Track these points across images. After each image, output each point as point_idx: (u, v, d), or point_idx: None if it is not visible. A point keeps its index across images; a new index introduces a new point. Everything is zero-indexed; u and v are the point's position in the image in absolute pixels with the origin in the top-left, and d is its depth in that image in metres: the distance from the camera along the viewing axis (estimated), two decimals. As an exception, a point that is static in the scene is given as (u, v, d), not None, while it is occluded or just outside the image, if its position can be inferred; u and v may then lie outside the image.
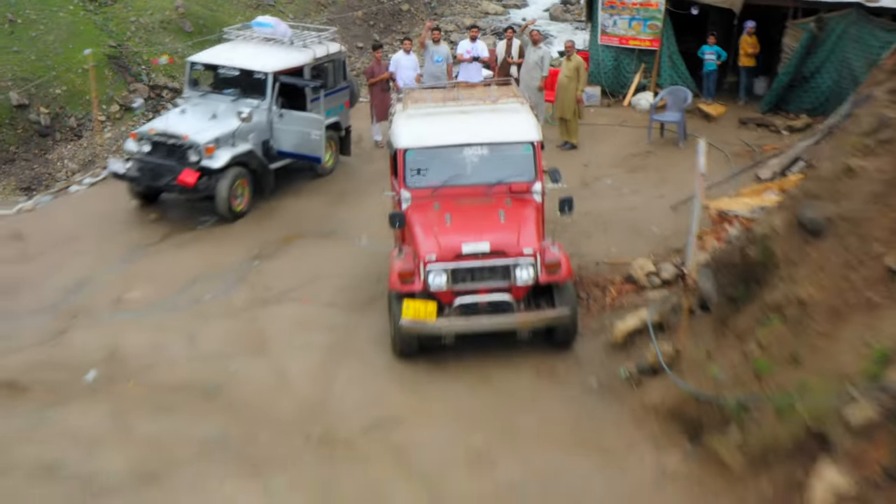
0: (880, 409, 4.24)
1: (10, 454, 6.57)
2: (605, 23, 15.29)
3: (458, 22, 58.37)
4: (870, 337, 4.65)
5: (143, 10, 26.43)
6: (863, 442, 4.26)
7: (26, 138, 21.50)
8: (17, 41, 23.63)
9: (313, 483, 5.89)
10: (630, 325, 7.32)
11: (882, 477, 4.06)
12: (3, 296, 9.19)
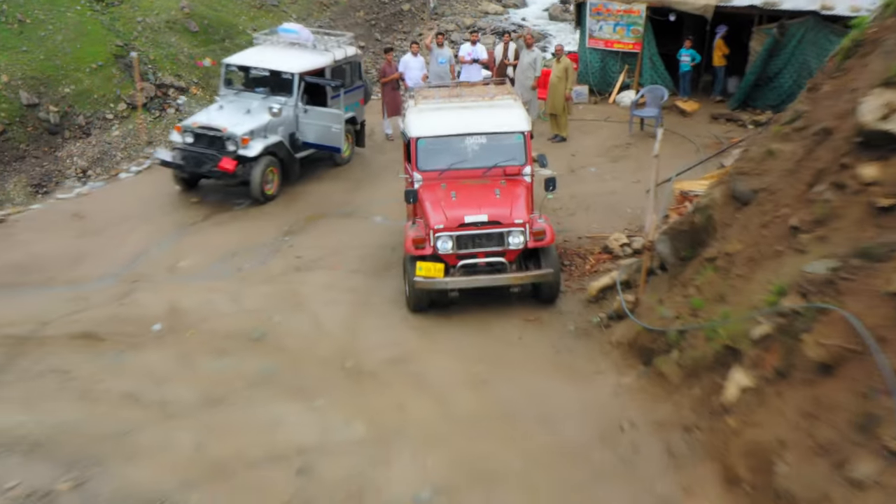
0: (774, 326, 5.63)
1: (99, 386, 7.94)
2: (593, 28, 16.60)
3: (458, 21, 56.97)
4: (774, 277, 6.02)
5: (150, 10, 26.05)
6: (761, 350, 5.64)
7: (36, 136, 21.11)
8: (26, 41, 23.27)
9: (348, 402, 7.27)
10: (602, 283, 8.70)
11: (773, 374, 5.44)
12: (74, 265, 10.56)
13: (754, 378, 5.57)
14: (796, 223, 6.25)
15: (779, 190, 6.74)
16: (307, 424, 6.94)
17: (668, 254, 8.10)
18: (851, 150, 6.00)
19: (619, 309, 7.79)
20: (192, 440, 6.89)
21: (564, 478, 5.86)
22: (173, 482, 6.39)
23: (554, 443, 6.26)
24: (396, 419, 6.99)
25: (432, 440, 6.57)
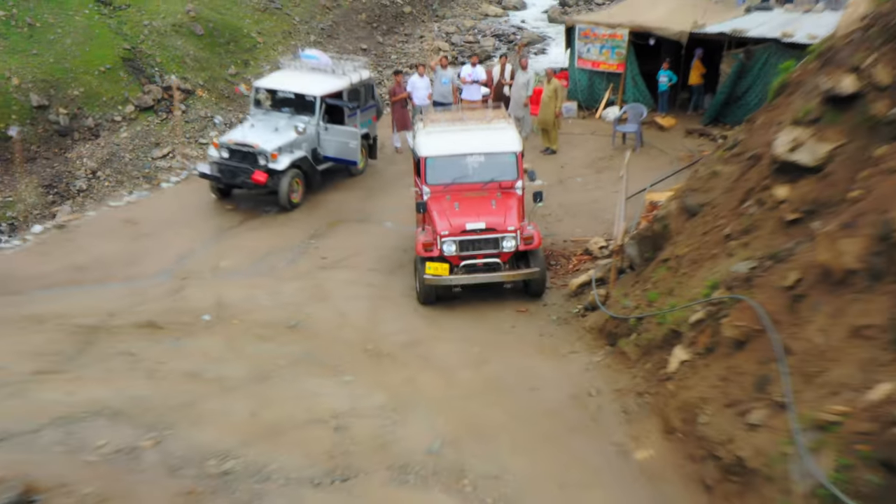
0: (706, 313, 7.11)
1: (164, 366, 9.42)
2: (581, 50, 18.03)
3: (458, 24, 56.39)
4: (709, 275, 7.50)
5: (156, 13, 25.57)
6: (696, 332, 7.12)
7: (46, 138, 21.00)
8: (35, 44, 23.01)
9: (370, 377, 8.74)
10: (581, 280, 10.19)
11: (703, 350, 6.92)
12: (130, 265, 12.05)
13: (690, 353, 7.07)
14: (729, 232, 7.74)
15: (718, 204, 8.22)
16: (339, 395, 8.41)
17: (635, 255, 9.59)
18: (770, 174, 7.48)
19: (593, 301, 9.28)
20: (247, 408, 8.36)
21: (544, 431, 7.34)
22: (234, 441, 7.85)
23: (536, 406, 7.76)
24: (410, 390, 8.46)
25: (439, 406, 8.05)
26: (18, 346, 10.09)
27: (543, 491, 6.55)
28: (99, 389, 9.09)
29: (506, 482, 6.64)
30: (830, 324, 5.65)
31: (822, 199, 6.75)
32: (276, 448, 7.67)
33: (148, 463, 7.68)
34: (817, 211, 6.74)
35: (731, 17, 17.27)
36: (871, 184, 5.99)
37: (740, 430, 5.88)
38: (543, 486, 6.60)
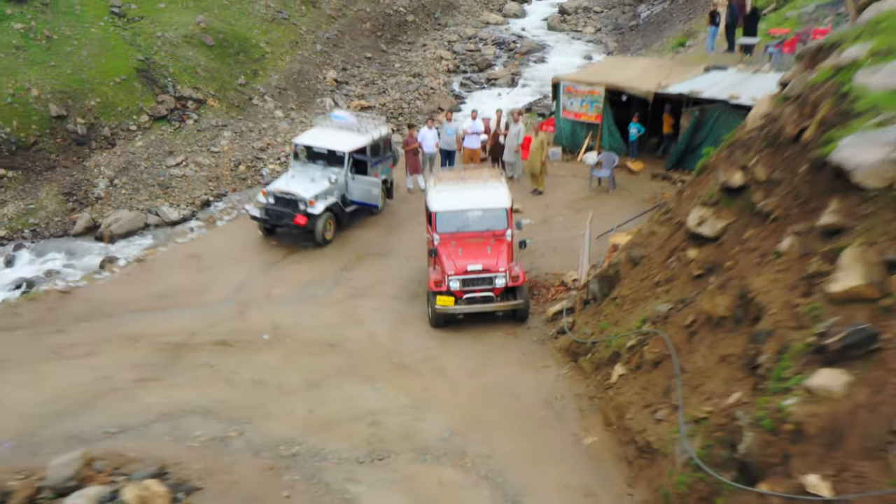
0: (636, 340, 9.69)
1: (237, 375, 11.98)
2: (565, 103, 20.57)
3: (460, 32, 56.86)
4: (642, 312, 10.09)
5: (168, 25, 25.28)
6: (630, 354, 9.70)
7: (65, 147, 21.01)
8: (54, 56, 22.85)
9: (396, 384, 11.30)
10: (556, 308, 12.76)
11: (633, 367, 9.49)
12: (199, 293, 14.65)
13: (625, 369, 9.65)
14: (657, 280, 10.32)
15: (653, 258, 10.81)
16: (373, 398, 10.98)
17: (596, 291, 12.17)
18: (686, 240, 10.07)
19: (563, 327, 11.86)
20: (304, 407, 10.92)
21: (523, 425, 9.92)
22: (297, 432, 10.40)
23: (518, 406, 10.34)
24: (426, 394, 11.03)
25: (448, 406, 10.63)
26: (120, 359, 12.67)
27: (521, 466, 9.13)
28: (189, 394, 11.65)
29: (495, 460, 9.22)
30: (708, 352, 8.24)
31: (718, 261, 9.33)
32: (329, 437, 10.23)
33: (236, 448, 10.22)
34: (714, 269, 9.33)
35: (692, 76, 19.80)
36: (739, 257, 8.58)
37: (650, 423, 8.47)
38: (521, 463, 9.17)
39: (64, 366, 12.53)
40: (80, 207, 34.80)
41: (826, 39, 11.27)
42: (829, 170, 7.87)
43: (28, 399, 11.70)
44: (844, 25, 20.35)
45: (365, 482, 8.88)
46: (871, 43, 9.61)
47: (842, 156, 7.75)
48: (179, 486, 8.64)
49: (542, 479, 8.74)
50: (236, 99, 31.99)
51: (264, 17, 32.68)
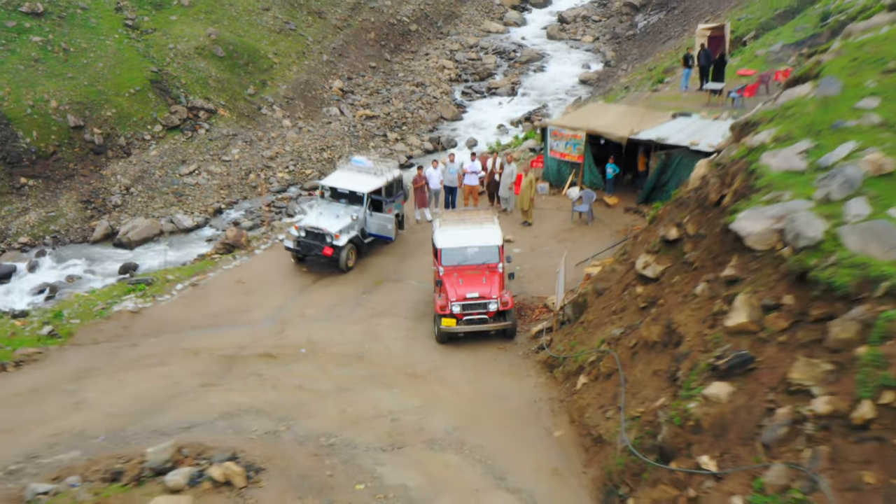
0: (596, 356, 12.20)
1: (281, 382, 14.48)
2: (552, 144, 23.08)
3: (462, 41, 57.37)
4: (601, 335, 12.61)
5: (180, 37, 25.59)
6: (591, 368, 12.22)
7: (83, 156, 22.17)
8: (71, 68, 24.08)
9: (410, 389, 13.81)
10: (538, 328, 15.29)
11: (593, 378, 12.02)
12: (246, 313, 17.19)
13: (587, 379, 12.18)
14: (614, 309, 12.85)
15: (612, 290, 13.34)
16: (391, 400, 13.48)
17: (570, 314, 14.69)
18: (635, 278, 12.59)
19: (542, 344, 14.39)
20: (337, 408, 13.42)
21: (508, 423, 12.43)
22: (333, 427, 12.89)
23: (505, 407, 12.85)
24: (434, 398, 13.54)
25: (451, 407, 13.13)
26: (185, 368, 15.22)
27: (506, 453, 11.63)
28: (243, 396, 14.17)
29: (487, 448, 11.73)
30: (645, 368, 10.77)
31: (656, 297, 11.85)
32: (358, 431, 12.72)
33: (285, 439, 12.72)
34: (654, 303, 11.85)
35: (661, 122, 22.30)
36: (669, 296, 11.11)
37: (602, 420, 10.99)
38: (506, 450, 11.68)
39: (140, 374, 15.09)
40: (98, 215, 35.57)
41: (751, 117, 13.79)
42: (732, 234, 10.40)
43: (113, 401, 14.25)
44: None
45: (388, 465, 11.39)
46: (777, 129, 12.16)
47: (740, 225, 10.28)
48: (249, 466, 11.16)
49: (521, 462, 11.26)
50: (246, 109, 31.62)
51: (272, 28, 32.84)
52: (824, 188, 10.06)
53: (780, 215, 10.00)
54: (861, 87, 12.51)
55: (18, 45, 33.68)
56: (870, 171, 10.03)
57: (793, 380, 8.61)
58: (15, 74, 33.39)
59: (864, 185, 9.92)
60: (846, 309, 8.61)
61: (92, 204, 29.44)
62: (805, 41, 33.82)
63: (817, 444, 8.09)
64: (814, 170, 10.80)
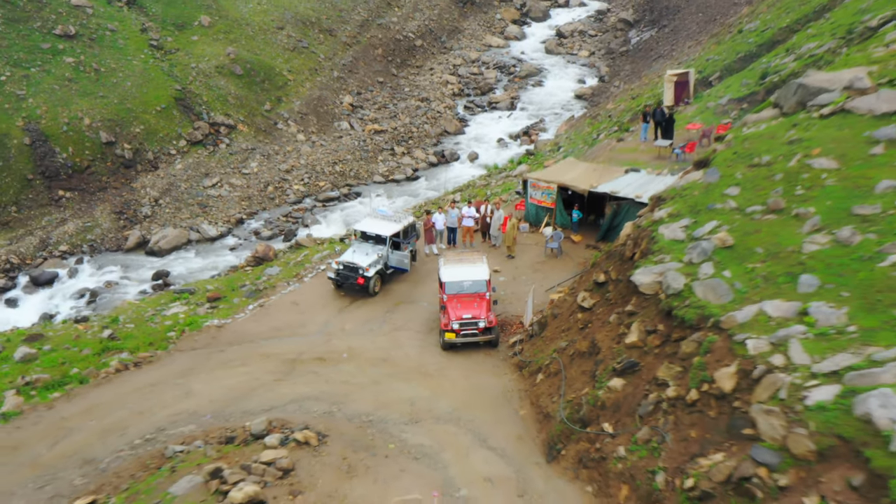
0: (549, 360, 17.03)
1: (332, 378, 19.27)
2: (532, 193, 27.86)
3: (464, 56, 57.74)
4: (554, 346, 17.41)
5: (202, 56, 27.86)
6: (546, 368, 17.04)
7: (114, 170, 23.52)
8: (101, 87, 25.25)
9: (423, 384, 18.55)
10: (515, 339, 20.08)
11: (547, 375, 16.83)
12: (300, 327, 21.99)
13: (542, 376, 16.98)
14: (563, 328, 17.65)
15: (562, 314, 18.14)
16: (410, 391, 18.23)
17: (536, 330, 19.48)
18: (577, 307, 17.40)
19: (515, 351, 19.17)
20: (373, 396, 18.17)
21: (489, 406, 17.17)
22: (370, 408, 17.63)
23: (489, 395, 17.63)
24: (440, 390, 18.30)
25: (451, 395, 17.91)
26: (261, 368, 20.00)
27: (488, 425, 16.37)
28: (305, 388, 18.93)
29: (475, 422, 16.49)
30: (577, 369, 15.57)
31: (589, 321, 16.64)
32: (388, 411, 17.46)
33: (338, 417, 17.50)
34: (587, 326, 16.63)
35: (616, 177, 27.06)
36: (594, 322, 15.92)
37: (550, 403, 15.79)
38: (488, 423, 16.43)
39: (229, 372, 19.90)
40: (130, 225, 36.39)
41: (662, 192, 18.55)
42: (633, 283, 15.20)
43: (212, 391, 19.04)
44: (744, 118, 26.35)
45: (409, 432, 16.17)
46: (672, 207, 16.96)
47: (637, 277, 15.08)
48: (319, 435, 15.95)
49: (497, 431, 16.04)
50: (263, 124, 33.17)
51: (286, 46, 34.46)
52: (689, 255, 14.84)
53: (661, 272, 14.79)
54: (732, 177, 17.27)
55: (53, 66, 33.93)
56: (717, 244, 14.81)
57: (658, 377, 13.40)
58: (51, 94, 33.69)
59: (713, 254, 14.70)
60: (691, 334, 13.40)
61: (124, 215, 30.09)
62: (746, 97, 38.00)
63: (667, 415, 12.88)
64: (689, 240, 15.57)
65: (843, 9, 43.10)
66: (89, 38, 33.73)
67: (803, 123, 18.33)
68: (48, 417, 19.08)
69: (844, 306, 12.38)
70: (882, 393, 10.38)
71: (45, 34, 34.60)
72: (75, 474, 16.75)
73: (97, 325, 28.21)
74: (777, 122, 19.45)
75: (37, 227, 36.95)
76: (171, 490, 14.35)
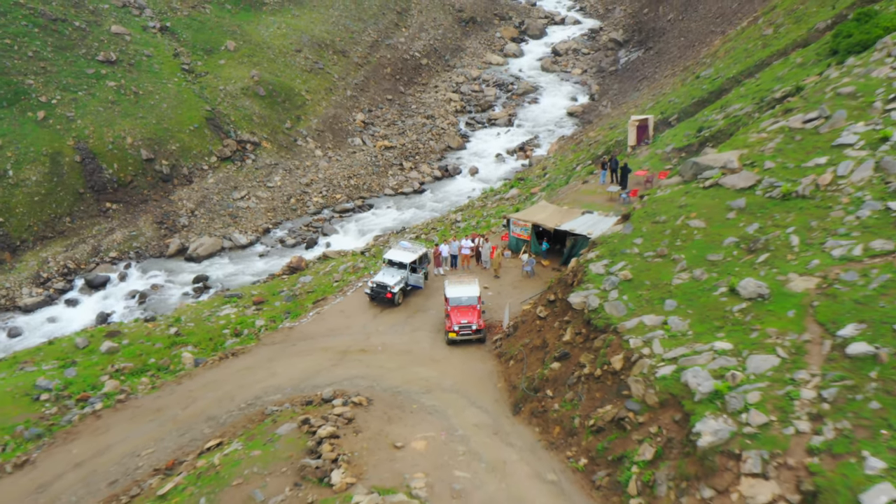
0: (518, 352, 23.71)
1: (372, 363, 25.86)
2: (513, 229, 34.47)
3: (466, 74, 59.03)
4: (521, 342, 24.13)
5: (229, 79, 29.62)
6: (517, 356, 23.73)
7: (154, 184, 24.49)
8: (141, 109, 26.82)
9: (433, 368, 25.17)
10: (496, 338, 26.72)
11: (517, 361, 23.55)
12: (347, 329, 28.67)
13: (513, 361, 23.64)
14: (528, 330, 24.33)
15: (528, 321, 24.81)
16: (425, 372, 24.82)
17: (511, 331, 26.14)
18: (536, 316, 24.06)
19: (497, 345, 25.83)
20: (400, 376, 24.80)
21: (478, 381, 23.79)
22: (399, 384, 24.18)
23: (477, 375, 24.25)
24: (446, 372, 24.92)
25: (453, 376, 24.49)
26: (321, 357, 26.65)
27: (476, 393, 22.98)
28: (353, 370, 25.55)
29: (468, 392, 23.11)
30: (533, 357, 22.23)
31: (543, 327, 23.30)
32: (411, 386, 24.03)
33: (377, 390, 24.11)
34: (541, 330, 23.28)
35: (575, 217, 33.65)
36: (546, 327, 22.58)
37: (517, 378, 22.46)
38: (476, 392, 23.04)
39: (300, 359, 26.58)
40: (170, 233, 37.09)
41: (597, 238, 25.18)
42: (569, 302, 21.85)
43: (290, 373, 25.73)
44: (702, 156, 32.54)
45: (425, 399, 22.78)
46: (599, 251, 23.62)
47: (571, 299, 21.75)
48: (368, 399, 22.58)
49: (482, 397, 22.66)
50: (284, 141, 36.47)
51: (304, 68, 36.78)
52: (604, 284, 21.50)
53: (586, 295, 21.44)
54: (640, 230, 23.93)
55: (97, 90, 33.89)
56: (622, 278, 21.45)
57: (580, 361, 20.05)
58: (97, 115, 33.73)
59: (619, 284, 21.34)
60: (599, 335, 20.04)
61: (164, 224, 33.05)
62: (685, 148, 43.71)
63: (583, 384, 19.53)
64: (606, 274, 22.22)
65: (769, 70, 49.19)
66: (128, 63, 33.55)
67: (692, 192, 24.98)
68: (179, 390, 25.82)
69: (688, 319, 19.05)
70: (695, 370, 17.02)
71: (90, 60, 35.63)
72: (203, 426, 23.45)
73: (164, 324, 34.05)
74: (677, 189, 26.10)
75: (88, 236, 38.00)
76: (276, 431, 21.02)
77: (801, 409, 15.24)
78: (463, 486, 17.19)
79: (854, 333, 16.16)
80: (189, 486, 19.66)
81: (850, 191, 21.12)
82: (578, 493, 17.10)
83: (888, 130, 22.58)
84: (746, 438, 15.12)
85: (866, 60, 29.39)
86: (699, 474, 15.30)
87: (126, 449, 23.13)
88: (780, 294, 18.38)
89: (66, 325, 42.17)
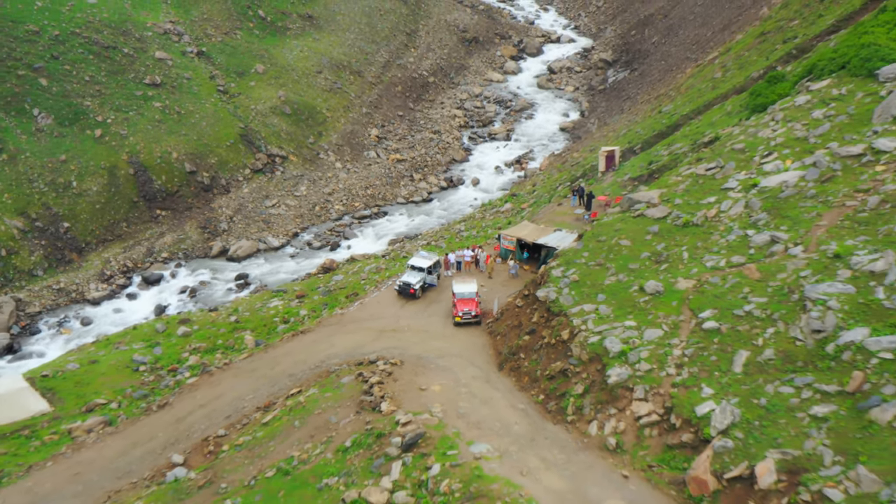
0: (501, 329, 31.27)
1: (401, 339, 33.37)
2: (503, 241, 41.93)
3: (469, 90, 61.56)
4: (506, 324, 31.70)
5: (259, 99, 29.95)
6: (504, 334, 31.32)
7: (196, 193, 25.34)
8: (183, 126, 26.87)
9: (444, 341, 32.67)
10: (489, 321, 34.23)
11: (502, 336, 31.08)
12: (382, 316, 36.24)
13: (500, 337, 31.19)
14: (511, 315, 31.88)
15: (511, 309, 32.35)
16: (439, 344, 32.32)
17: (499, 316, 33.60)
18: (516, 306, 31.61)
19: (490, 325, 33.33)
20: (421, 347, 32.24)
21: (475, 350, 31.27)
22: (421, 352, 31.63)
23: (474, 347, 31.76)
24: (453, 343, 32.42)
25: (458, 346, 31.96)
26: (365, 335, 34.22)
27: (472, 357, 30.42)
28: (389, 343, 33.05)
29: (470, 357, 30.58)
30: (513, 333, 29.74)
31: (520, 314, 30.81)
32: (429, 353, 31.51)
33: (406, 356, 31.58)
34: (519, 315, 30.80)
35: (549, 234, 41.03)
36: (522, 313, 30.12)
37: (501, 348, 30.00)
38: (473, 356, 30.49)
39: (351, 335, 34.19)
40: (212, 237, 40.13)
41: (560, 251, 32.70)
42: (537, 296, 29.38)
43: (344, 344, 33.41)
44: (636, 192, 39.49)
45: (439, 361, 30.24)
46: (559, 261, 31.15)
47: (539, 293, 29.28)
48: (401, 361, 30.08)
49: (478, 359, 30.14)
50: (308, 154, 39.71)
51: (324, 87, 37.05)
52: (560, 284, 28.98)
53: (548, 291, 28.95)
54: (588, 247, 31.39)
55: (145, 110, 36.30)
56: (572, 280, 28.92)
57: (542, 335, 27.56)
58: (146, 133, 36.17)
59: (570, 284, 28.81)
60: (555, 317, 27.54)
61: (207, 229, 36.05)
62: (637, 178, 50.37)
63: (544, 350, 27.03)
64: (562, 276, 29.68)
65: (709, 114, 56.05)
66: (171, 85, 35.05)
67: (625, 219, 32.45)
68: (266, 356, 33.54)
69: (611, 307, 26.55)
70: (611, 338, 24.53)
71: (138, 83, 36.96)
72: (286, 380, 31.14)
73: (224, 313, 40.89)
74: (616, 217, 33.59)
75: (143, 239, 40.08)
76: (341, 381, 28.63)
77: (671, 361, 22.74)
78: (465, 412, 24.72)
79: (709, 315, 23.63)
80: (284, 416, 27.32)
81: (726, 221, 28.58)
82: (537, 415, 24.61)
83: (757, 179, 30.02)
84: (637, 378, 22.62)
85: (758, 121, 36.82)
86: (608, 400, 22.81)
87: (234, 395, 30.82)
88: (670, 291, 25.86)
89: (130, 316, 45.38)
